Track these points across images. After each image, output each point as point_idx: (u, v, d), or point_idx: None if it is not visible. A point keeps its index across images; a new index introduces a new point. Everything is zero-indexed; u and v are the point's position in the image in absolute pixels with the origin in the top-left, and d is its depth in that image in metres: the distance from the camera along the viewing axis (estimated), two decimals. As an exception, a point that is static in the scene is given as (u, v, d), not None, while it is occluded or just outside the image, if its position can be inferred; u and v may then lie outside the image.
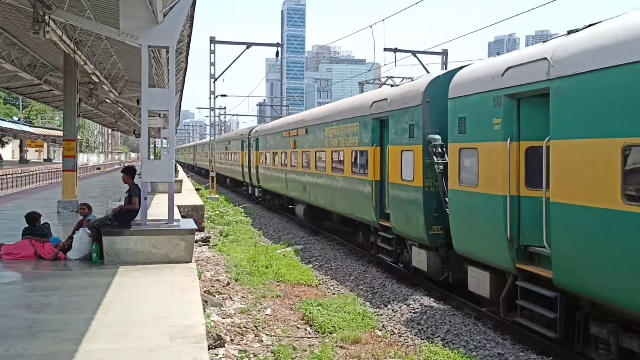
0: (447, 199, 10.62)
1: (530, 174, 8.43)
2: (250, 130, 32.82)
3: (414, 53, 29.73)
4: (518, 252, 8.52)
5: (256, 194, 31.96)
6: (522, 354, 8.50)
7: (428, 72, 28.15)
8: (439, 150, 10.91)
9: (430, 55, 31.53)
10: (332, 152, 17.22)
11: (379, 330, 9.78)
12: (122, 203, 10.83)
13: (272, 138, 26.21)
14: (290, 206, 24.96)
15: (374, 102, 14.02)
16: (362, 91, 30.41)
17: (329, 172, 17.46)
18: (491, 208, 8.96)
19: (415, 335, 9.62)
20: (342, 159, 16.32)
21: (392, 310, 11.09)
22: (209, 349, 6.73)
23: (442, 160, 10.85)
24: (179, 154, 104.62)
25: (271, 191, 27.90)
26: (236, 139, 37.74)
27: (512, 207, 8.49)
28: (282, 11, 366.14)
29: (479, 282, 9.70)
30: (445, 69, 29.04)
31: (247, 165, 32.61)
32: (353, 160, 15.37)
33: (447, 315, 10.34)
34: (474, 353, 8.56)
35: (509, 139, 8.52)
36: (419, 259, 11.96)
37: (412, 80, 13.67)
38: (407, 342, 9.26)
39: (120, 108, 34.40)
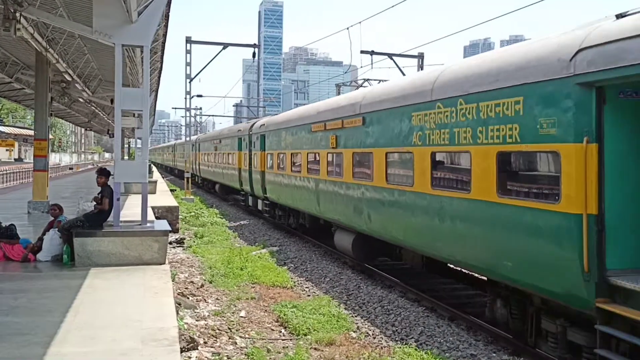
0: None
1: None
2: (253, 125, 25.64)
3: (390, 56, 29.91)
4: None
5: (260, 207, 23.90)
6: (494, 354, 8.59)
7: (404, 74, 28.30)
8: None
9: (407, 59, 31.75)
10: (432, 153, 9.99)
11: (354, 332, 9.80)
12: (94, 204, 10.67)
13: (291, 134, 18.66)
14: (305, 226, 18.98)
15: (583, 50, 6.90)
16: (338, 93, 30.45)
17: (423, 188, 10.20)
18: None
19: (389, 337, 9.66)
20: (463, 166, 9.22)
21: (367, 311, 11.12)
22: (181, 351, 6.68)
23: None
24: (156, 155, 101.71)
25: (285, 206, 20.23)
26: (231, 137, 30.21)
27: None
28: (259, 12, 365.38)
29: None
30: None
31: (247, 169, 25.58)
32: (500, 170, 8.27)
33: (421, 317, 10.41)
34: (447, 354, 8.62)
35: None
36: None
37: None
38: (382, 343, 9.29)
39: (93, 107, 33.94)
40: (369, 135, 12.77)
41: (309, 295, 12.44)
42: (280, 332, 9.72)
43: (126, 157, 43.61)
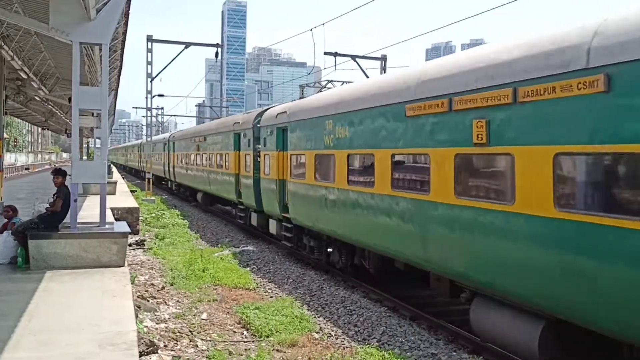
0: None
1: None
2: (261, 114, 18.61)
3: (353, 57, 30.05)
4: None
5: (274, 230, 17.05)
6: (454, 353, 8.71)
7: (367, 76, 28.54)
8: None
9: (370, 60, 31.96)
10: None
11: (316, 332, 9.80)
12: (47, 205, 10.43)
13: (349, 123, 11.74)
14: (367, 268, 12.32)
15: None
16: (302, 94, 30.47)
17: None
18: None
19: (351, 337, 9.69)
20: None
21: (330, 312, 11.14)
22: (140, 355, 6.57)
23: None
24: (119, 155, 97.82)
25: (326, 234, 13.54)
26: (223, 132, 23.41)
27: None
28: (222, 12, 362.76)
29: None
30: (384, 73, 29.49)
31: (251, 176, 18.91)
32: None
33: (383, 317, 10.48)
34: (408, 353, 8.71)
35: None
36: None
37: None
38: (344, 344, 9.32)
39: (50, 106, 33.11)
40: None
41: (271, 297, 12.39)
42: (243, 334, 9.66)
43: (85, 158, 42.63)
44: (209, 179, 25.73)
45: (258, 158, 18.29)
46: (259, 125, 18.37)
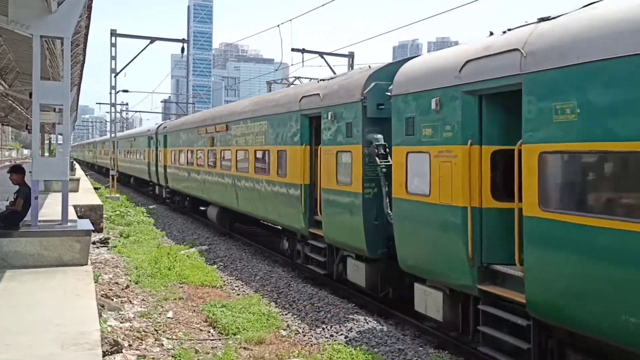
0: None
1: None
2: (385, 71, 10.49)
3: (321, 54, 30.10)
4: None
5: (440, 314, 8.56)
6: (421, 348, 8.81)
7: (335, 73, 28.50)
8: None
9: (337, 57, 32.05)
10: None
11: (284, 330, 9.79)
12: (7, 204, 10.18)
13: None
14: None
15: None
16: (269, 91, 30.36)
17: None
18: None
19: (319, 334, 9.71)
20: None
21: (297, 309, 11.14)
22: (104, 355, 6.47)
23: None
24: (86, 151, 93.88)
25: None
26: (268, 116, 14.90)
27: None
28: (188, 7, 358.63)
29: None
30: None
31: (352, 192, 10.82)
32: None
33: (350, 313, 10.53)
34: (376, 349, 8.77)
35: None
36: None
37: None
38: (312, 341, 9.34)
39: (10, 101, 32.19)
40: None
41: (238, 294, 12.33)
42: (209, 332, 9.59)
43: (46, 154, 41.62)
44: (237, 188, 17.18)
45: (379, 160, 10.21)
46: (388, 94, 9.56)
